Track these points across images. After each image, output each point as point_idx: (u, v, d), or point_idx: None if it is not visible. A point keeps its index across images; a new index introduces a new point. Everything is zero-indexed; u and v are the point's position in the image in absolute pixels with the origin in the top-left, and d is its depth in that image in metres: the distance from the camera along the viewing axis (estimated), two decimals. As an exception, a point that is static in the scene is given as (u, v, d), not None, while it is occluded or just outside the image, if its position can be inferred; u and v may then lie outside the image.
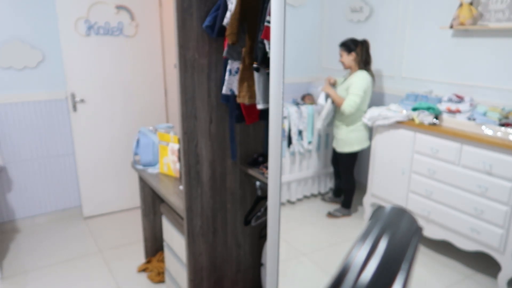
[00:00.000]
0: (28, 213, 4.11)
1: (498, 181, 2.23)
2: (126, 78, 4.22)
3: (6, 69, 3.73)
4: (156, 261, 3.35)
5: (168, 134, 2.94)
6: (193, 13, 2.15)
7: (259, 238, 2.75)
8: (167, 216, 2.77)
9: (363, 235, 0.43)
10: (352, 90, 2.66)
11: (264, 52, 1.93)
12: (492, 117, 2.26)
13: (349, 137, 2.86)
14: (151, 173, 3.02)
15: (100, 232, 4.02)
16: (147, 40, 4.25)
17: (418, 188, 2.64)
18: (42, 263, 3.45)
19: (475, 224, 2.35)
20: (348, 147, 2.90)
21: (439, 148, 2.48)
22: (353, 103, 2.66)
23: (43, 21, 3.80)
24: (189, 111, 2.26)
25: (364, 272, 0.41)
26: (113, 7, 3.99)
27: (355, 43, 2.74)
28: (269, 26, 1.66)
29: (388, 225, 0.45)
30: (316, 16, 3.18)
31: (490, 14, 2.27)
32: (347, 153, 2.88)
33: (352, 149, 2.91)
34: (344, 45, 2.75)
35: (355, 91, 2.66)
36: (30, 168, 4.03)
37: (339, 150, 2.89)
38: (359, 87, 2.66)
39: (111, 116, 4.22)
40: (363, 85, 2.65)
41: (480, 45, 2.44)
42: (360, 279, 0.40)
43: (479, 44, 2.43)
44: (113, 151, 4.29)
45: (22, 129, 3.91)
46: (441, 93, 2.58)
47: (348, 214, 3.01)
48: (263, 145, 2.56)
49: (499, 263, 2.29)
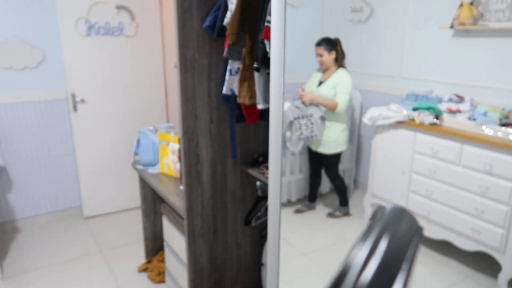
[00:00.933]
0: (29, 213, 4.11)
1: (498, 181, 2.22)
2: (127, 78, 4.22)
3: (7, 69, 3.73)
4: (156, 261, 3.35)
5: (169, 134, 2.94)
6: (193, 13, 2.15)
7: (260, 238, 2.75)
8: (168, 216, 2.77)
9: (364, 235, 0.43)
10: (342, 89, 2.69)
11: (265, 52, 1.93)
12: (493, 117, 2.26)
13: (340, 137, 2.87)
14: (152, 173, 3.02)
15: (101, 232, 4.03)
16: (148, 40, 4.26)
17: (419, 188, 2.64)
18: (43, 263, 3.45)
19: (475, 224, 2.35)
20: (339, 147, 2.91)
21: (440, 148, 2.48)
22: (346, 101, 2.70)
23: (44, 21, 3.80)
24: (189, 111, 2.26)
25: (364, 272, 0.41)
26: (114, 7, 3.99)
27: (333, 42, 2.75)
28: (269, 26, 1.67)
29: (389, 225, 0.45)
30: (316, 16, 3.18)
31: (491, 14, 2.27)
32: (336, 154, 2.90)
33: (342, 149, 2.93)
34: (323, 45, 2.75)
35: (345, 90, 2.69)
36: (31, 168, 4.03)
37: (329, 152, 2.88)
38: (347, 85, 2.70)
39: (112, 116, 4.22)
40: (350, 83, 2.71)
41: (480, 45, 2.43)
42: (361, 279, 0.40)
43: (480, 44, 2.43)
44: (114, 151, 4.29)
45: (22, 129, 3.91)
46: (442, 93, 2.58)
47: (348, 213, 3.01)
48: (264, 145, 2.56)
49: (499, 263, 2.29)
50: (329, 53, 2.72)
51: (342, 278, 0.41)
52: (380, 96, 2.88)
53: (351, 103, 2.91)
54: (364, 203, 2.99)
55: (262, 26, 1.91)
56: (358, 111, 2.96)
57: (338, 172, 2.99)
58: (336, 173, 2.99)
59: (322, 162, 2.98)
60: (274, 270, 1.84)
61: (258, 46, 1.96)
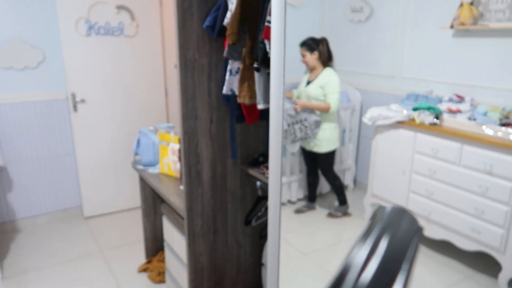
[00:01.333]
0: (29, 213, 4.11)
1: (498, 181, 2.22)
2: (127, 78, 4.22)
3: (7, 69, 3.73)
4: (156, 261, 3.35)
5: (169, 134, 2.94)
6: (193, 13, 2.15)
7: (260, 238, 2.75)
8: (168, 216, 2.77)
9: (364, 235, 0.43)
10: (331, 89, 2.69)
11: (265, 52, 1.93)
12: (493, 117, 2.26)
13: (333, 135, 2.89)
14: (152, 173, 3.02)
15: (101, 232, 4.03)
16: (148, 40, 4.26)
17: (419, 188, 2.64)
18: (43, 263, 3.45)
19: (475, 224, 2.35)
20: (333, 145, 2.92)
21: (440, 148, 2.48)
22: (337, 101, 2.70)
23: (44, 21, 3.80)
24: (189, 111, 2.26)
25: (364, 272, 0.41)
26: (114, 7, 3.99)
27: (316, 42, 2.75)
28: (269, 26, 1.67)
29: (389, 225, 0.45)
30: (316, 16, 3.18)
31: (491, 14, 2.27)
32: (330, 152, 2.90)
33: (336, 146, 2.93)
34: (305, 45, 2.75)
35: (334, 89, 2.69)
36: (31, 168, 4.03)
37: (323, 151, 2.89)
38: (335, 85, 2.70)
39: (112, 116, 4.22)
40: (338, 82, 2.70)
41: (480, 45, 2.43)
42: (361, 279, 0.40)
43: (480, 44, 2.43)
44: (114, 151, 4.29)
45: (22, 129, 3.91)
46: (442, 93, 2.58)
47: (347, 212, 3.01)
48: (264, 145, 2.56)
49: (499, 263, 2.29)
50: (311, 53, 2.72)
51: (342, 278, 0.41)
52: (380, 96, 2.88)
53: (351, 103, 2.91)
54: (364, 203, 2.99)
55: (262, 26, 1.91)
56: (358, 111, 2.95)
57: (333, 170, 3.00)
58: (332, 171, 3.00)
59: (317, 162, 3.00)
60: (274, 270, 1.84)
61: (258, 46, 1.96)
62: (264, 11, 1.91)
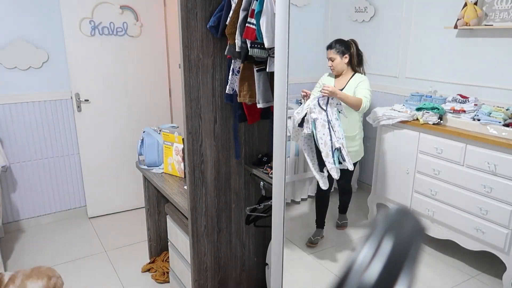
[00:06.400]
0: (33, 213, 4.12)
1: (503, 181, 2.22)
2: (131, 78, 4.22)
3: (11, 69, 3.74)
4: (160, 261, 3.36)
5: (173, 134, 2.94)
6: (197, 13, 2.15)
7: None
8: (172, 216, 2.77)
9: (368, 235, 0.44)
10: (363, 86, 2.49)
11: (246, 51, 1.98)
12: (497, 117, 2.25)
13: (361, 147, 2.77)
14: (156, 173, 3.02)
15: (105, 232, 4.03)
16: (152, 40, 4.26)
17: (423, 188, 2.63)
18: (47, 263, 3.45)
19: (479, 224, 2.35)
20: (359, 156, 2.79)
21: (444, 148, 2.48)
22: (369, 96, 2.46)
23: (48, 21, 3.82)
24: (193, 111, 2.26)
25: (368, 272, 0.41)
26: (118, 7, 4.00)
27: (346, 44, 2.52)
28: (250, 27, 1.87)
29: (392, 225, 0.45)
30: (320, 16, 3.18)
31: (495, 14, 2.27)
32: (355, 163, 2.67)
33: (362, 155, 2.82)
34: (335, 48, 2.51)
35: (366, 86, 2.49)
36: (35, 168, 4.05)
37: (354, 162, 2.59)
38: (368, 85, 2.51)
39: (116, 116, 4.23)
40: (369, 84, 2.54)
41: (484, 45, 2.43)
42: (364, 278, 0.41)
43: (484, 44, 2.43)
44: (118, 151, 4.30)
45: (26, 129, 3.93)
46: (446, 93, 2.57)
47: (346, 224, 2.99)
48: (268, 145, 2.56)
49: (504, 263, 2.29)
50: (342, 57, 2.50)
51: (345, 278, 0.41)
52: (384, 96, 2.88)
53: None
54: (368, 203, 2.99)
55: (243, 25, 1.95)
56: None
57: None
58: (350, 183, 2.91)
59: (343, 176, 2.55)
60: (278, 270, 1.84)
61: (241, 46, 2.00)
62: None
